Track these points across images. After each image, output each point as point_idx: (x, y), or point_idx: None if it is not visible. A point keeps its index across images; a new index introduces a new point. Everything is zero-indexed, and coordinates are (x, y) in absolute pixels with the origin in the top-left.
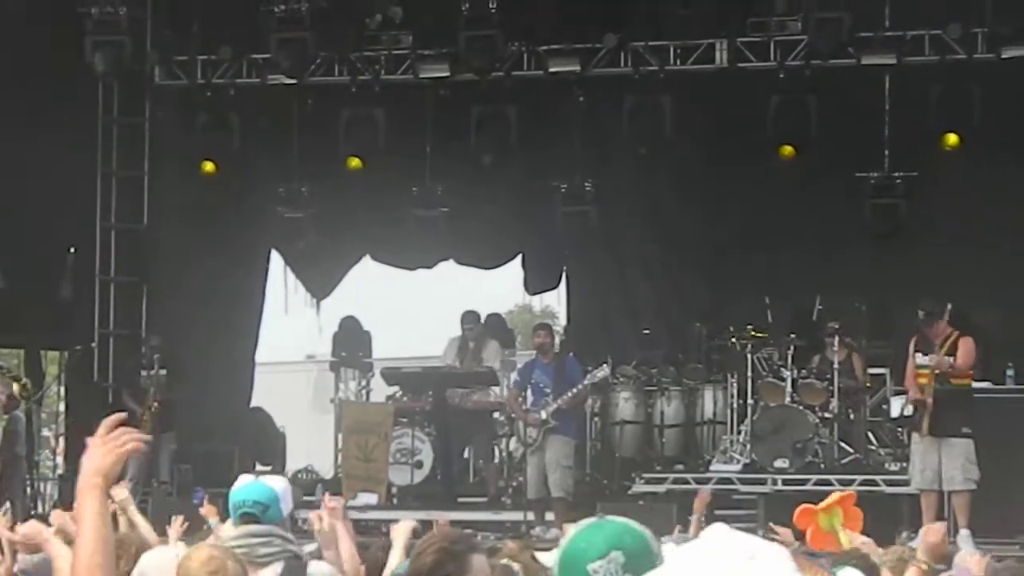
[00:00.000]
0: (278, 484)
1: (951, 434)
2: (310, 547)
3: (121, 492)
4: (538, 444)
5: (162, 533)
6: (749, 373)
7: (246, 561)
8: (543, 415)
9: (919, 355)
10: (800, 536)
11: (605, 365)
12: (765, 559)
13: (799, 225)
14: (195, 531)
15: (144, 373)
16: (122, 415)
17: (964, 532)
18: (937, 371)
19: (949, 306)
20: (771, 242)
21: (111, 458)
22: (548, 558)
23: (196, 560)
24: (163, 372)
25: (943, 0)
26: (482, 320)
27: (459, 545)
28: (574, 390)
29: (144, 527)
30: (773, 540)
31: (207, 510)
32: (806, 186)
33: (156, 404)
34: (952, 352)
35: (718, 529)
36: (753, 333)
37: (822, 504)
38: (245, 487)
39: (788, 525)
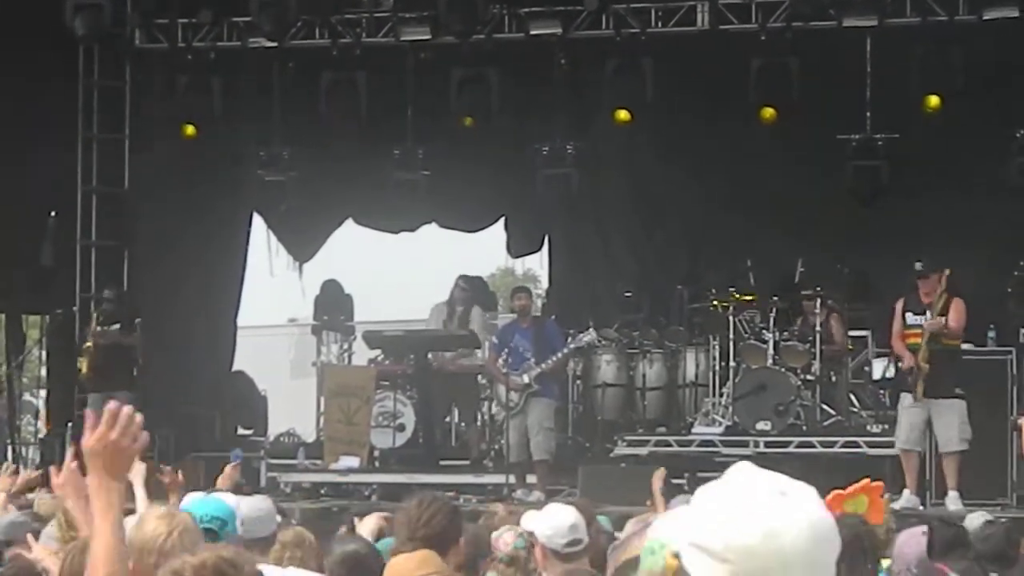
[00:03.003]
0: (231, 500)
1: (945, 395)
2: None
3: (140, 464)
4: (520, 408)
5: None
6: (731, 336)
7: None
8: (526, 379)
9: (909, 314)
10: None
11: (591, 330)
12: (796, 494)
13: (781, 188)
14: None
15: (94, 326)
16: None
17: (953, 494)
18: (932, 332)
19: (947, 271)
20: (753, 205)
21: (121, 460)
22: (529, 519)
23: (151, 518)
24: (116, 327)
25: None
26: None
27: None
28: (558, 355)
29: (142, 501)
30: None
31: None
32: (788, 149)
33: (92, 347)
34: (943, 313)
35: (744, 467)
36: (735, 296)
37: (849, 489)
38: (201, 503)
39: None
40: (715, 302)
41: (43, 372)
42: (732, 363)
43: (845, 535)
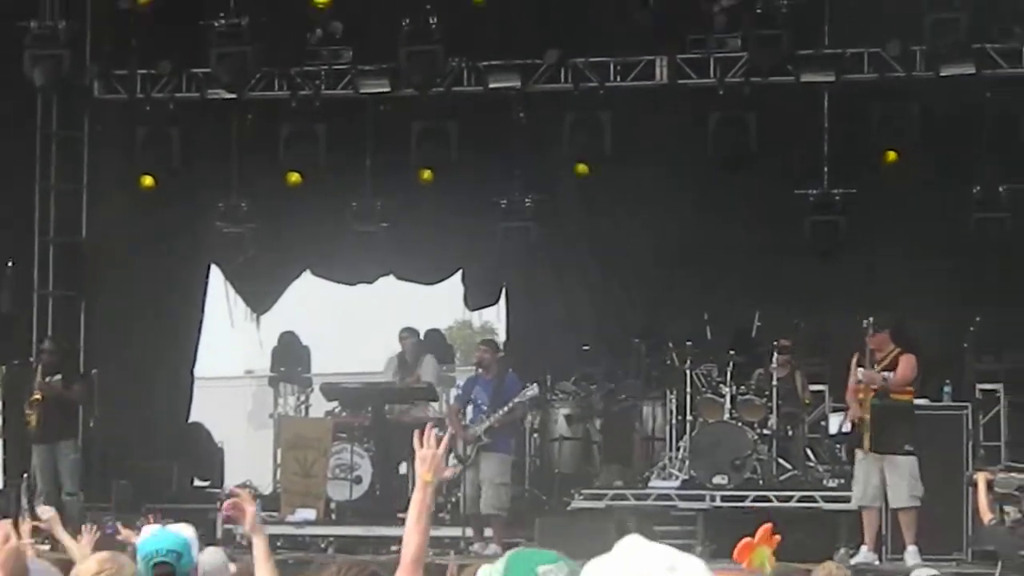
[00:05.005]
0: (187, 532)
1: (893, 451)
2: None
3: (47, 511)
4: (473, 460)
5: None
6: (688, 389)
7: None
8: (477, 432)
9: (860, 370)
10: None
11: (535, 384)
12: (684, 569)
13: (739, 241)
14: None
15: (39, 378)
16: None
17: (912, 548)
18: (873, 387)
19: (892, 321)
20: (711, 259)
21: None
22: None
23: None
24: (57, 377)
25: (882, 18)
26: (421, 336)
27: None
28: (505, 408)
29: (71, 546)
30: None
31: (126, 532)
32: (746, 203)
33: (39, 398)
34: (892, 368)
35: (635, 541)
36: (692, 350)
37: (758, 536)
38: (155, 537)
39: (727, 542)
40: (673, 355)
41: None
42: (689, 417)
43: None
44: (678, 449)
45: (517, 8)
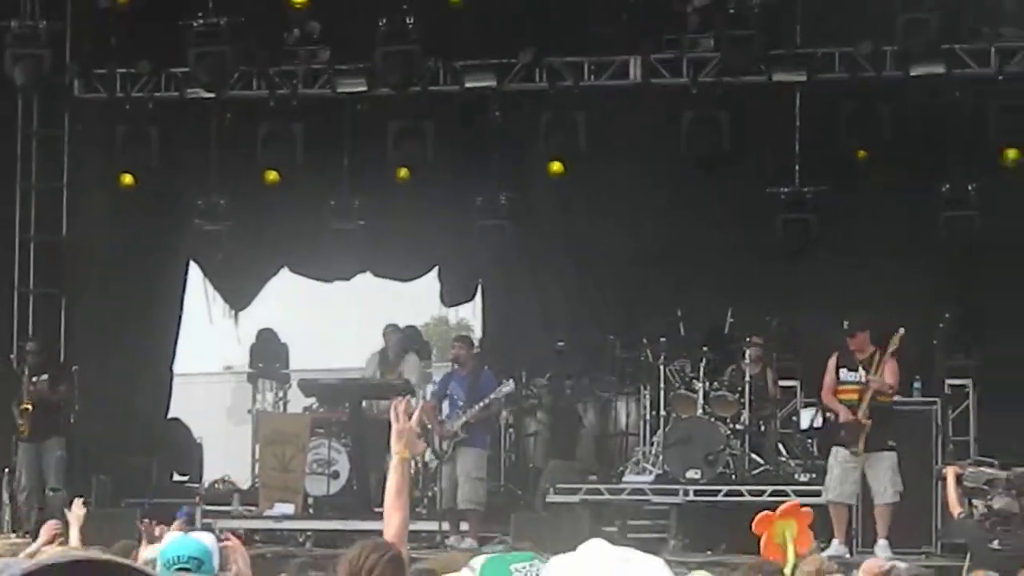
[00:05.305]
0: (208, 540)
1: (878, 448)
2: None
3: (80, 509)
4: (449, 455)
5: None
6: (662, 385)
7: None
8: (454, 427)
9: (844, 370)
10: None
11: (510, 380)
12: (640, 563)
13: (712, 239)
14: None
15: (26, 380)
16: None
17: (883, 542)
18: (874, 390)
19: (901, 331)
20: (684, 257)
21: None
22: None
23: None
24: (44, 378)
25: (854, 18)
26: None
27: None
28: (481, 404)
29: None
30: None
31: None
32: (719, 201)
33: (29, 407)
34: (868, 367)
35: (596, 543)
36: (666, 346)
37: (779, 510)
38: (179, 543)
39: (700, 536)
40: (647, 352)
41: None
42: (663, 412)
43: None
44: (652, 444)
45: (493, 8)
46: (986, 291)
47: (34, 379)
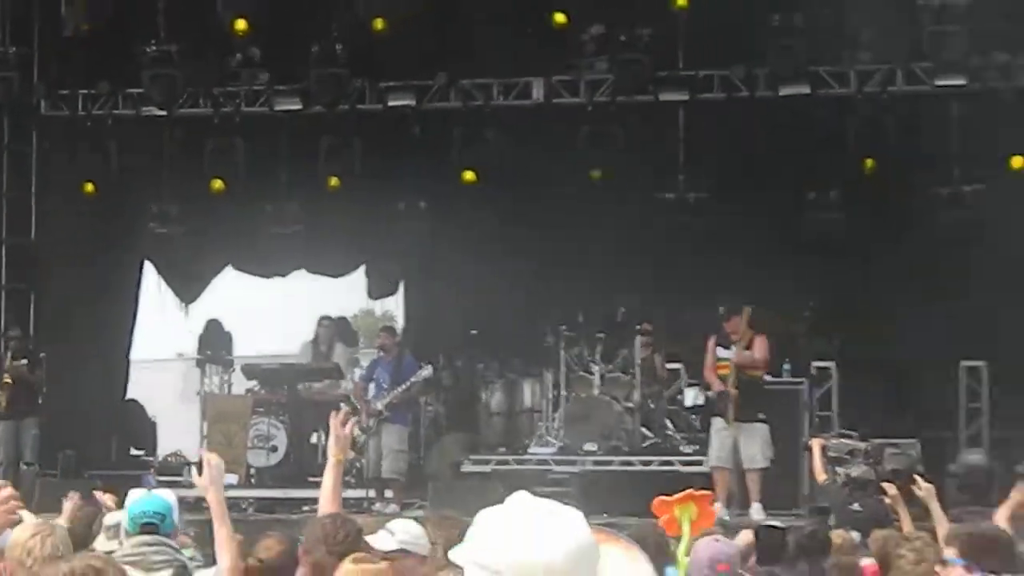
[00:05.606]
0: (170, 497)
1: (750, 419)
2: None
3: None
4: (375, 431)
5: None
6: (563, 368)
7: (141, 568)
8: (379, 406)
9: (720, 349)
10: None
11: (429, 365)
12: (564, 515)
13: (607, 239)
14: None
15: (8, 362)
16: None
17: (756, 505)
18: (739, 364)
19: (748, 308)
20: (582, 256)
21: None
22: (376, 540)
23: (28, 527)
24: (23, 361)
25: (730, 44)
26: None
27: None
28: (403, 386)
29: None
30: None
31: (106, 497)
32: (614, 207)
33: (10, 382)
34: (749, 347)
35: (521, 495)
36: (566, 333)
37: (676, 496)
38: (143, 499)
39: (598, 501)
40: (549, 339)
41: None
42: (564, 392)
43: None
44: (554, 420)
45: (413, 35)
46: (845, 285)
47: (15, 362)
